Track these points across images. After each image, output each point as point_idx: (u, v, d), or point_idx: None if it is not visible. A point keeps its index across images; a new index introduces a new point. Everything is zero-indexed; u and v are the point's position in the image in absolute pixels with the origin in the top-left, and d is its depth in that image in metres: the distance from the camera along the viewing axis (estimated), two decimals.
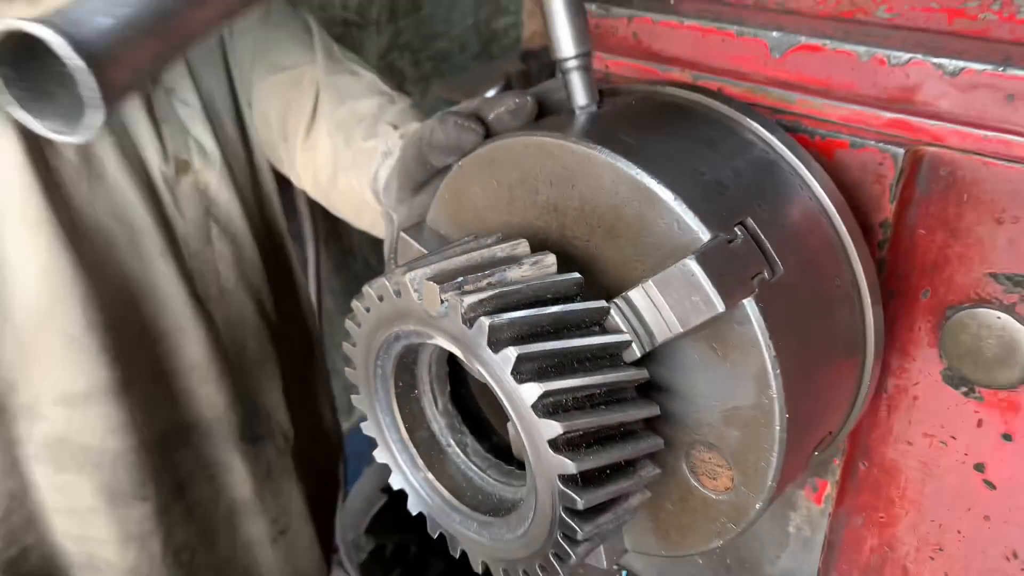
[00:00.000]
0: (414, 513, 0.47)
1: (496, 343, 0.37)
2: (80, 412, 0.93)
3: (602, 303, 0.38)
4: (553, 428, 0.37)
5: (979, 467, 0.50)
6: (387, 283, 0.40)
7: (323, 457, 1.27)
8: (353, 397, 0.46)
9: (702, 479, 0.42)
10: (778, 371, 0.37)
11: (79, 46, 0.38)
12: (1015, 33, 0.46)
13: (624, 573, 0.77)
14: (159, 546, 1.00)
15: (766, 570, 0.64)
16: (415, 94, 2.03)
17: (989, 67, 0.42)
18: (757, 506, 0.40)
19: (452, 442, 0.46)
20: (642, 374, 0.38)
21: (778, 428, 0.37)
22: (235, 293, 1.02)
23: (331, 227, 1.99)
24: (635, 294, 0.37)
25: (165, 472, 1.00)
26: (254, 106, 1.04)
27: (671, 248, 0.39)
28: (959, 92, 0.44)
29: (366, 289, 0.41)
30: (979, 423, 0.49)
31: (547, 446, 0.37)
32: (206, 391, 1.00)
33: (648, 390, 0.41)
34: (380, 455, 0.46)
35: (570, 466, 0.37)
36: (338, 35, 1.93)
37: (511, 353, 0.36)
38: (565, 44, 0.50)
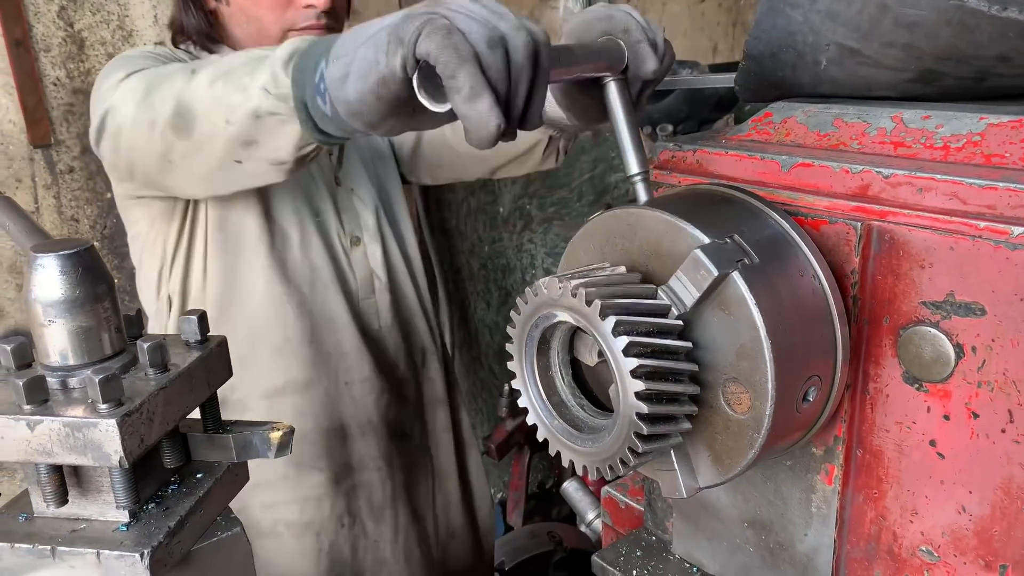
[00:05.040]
0: (540, 439, 0.74)
1: (603, 315, 0.65)
2: (277, 402, 1.36)
3: (651, 287, 0.67)
4: (632, 363, 0.64)
5: (932, 443, 0.72)
6: (542, 284, 0.69)
7: (459, 467, 1.70)
8: (509, 364, 0.75)
9: (734, 407, 0.67)
10: (759, 311, 0.63)
11: None
12: (933, 155, 0.73)
13: (695, 569, 0.99)
14: (328, 508, 1.43)
15: (798, 548, 0.85)
16: (539, 231, 2.43)
17: (907, 173, 0.70)
18: (768, 412, 0.65)
19: (565, 389, 0.74)
20: (686, 345, 0.66)
21: (767, 351, 0.63)
22: (391, 331, 1.44)
23: (464, 335, 2.33)
24: (672, 281, 0.65)
25: (338, 454, 1.40)
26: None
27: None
28: (892, 188, 0.71)
29: (528, 289, 0.70)
30: (928, 409, 0.72)
31: (629, 375, 0.64)
32: (372, 398, 1.41)
33: (692, 354, 0.68)
34: (522, 401, 0.74)
35: (640, 385, 0.64)
36: (481, 184, 2.36)
37: (612, 320, 0.64)
38: (632, 166, 0.82)
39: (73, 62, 1.75)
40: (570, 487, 1.31)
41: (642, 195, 0.83)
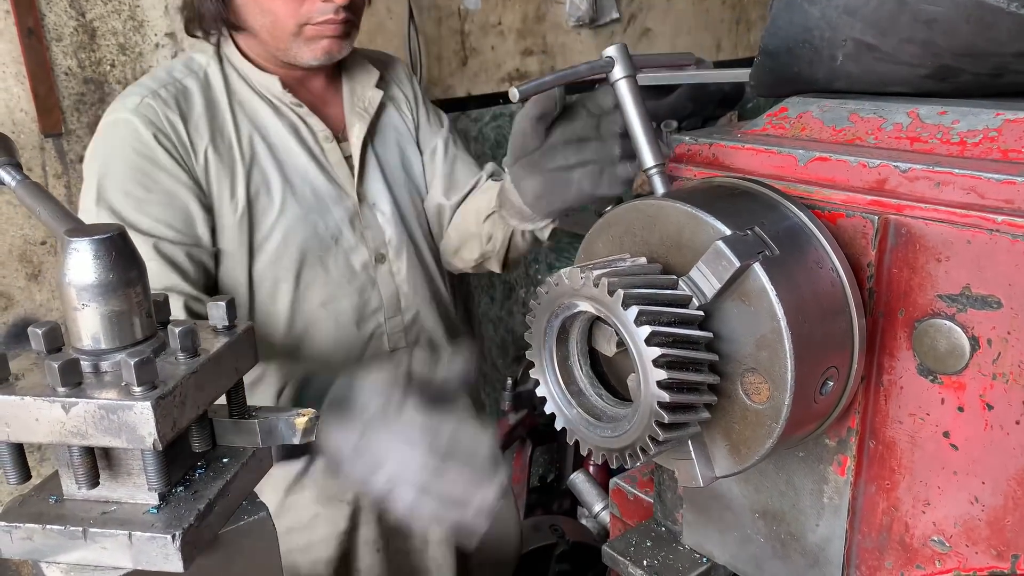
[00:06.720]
0: (558, 428, 0.75)
1: (626, 304, 0.66)
2: None
3: (672, 277, 0.67)
4: (654, 352, 0.65)
5: (946, 434, 0.73)
6: (563, 274, 0.70)
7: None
8: (528, 353, 0.75)
9: (752, 397, 0.68)
10: (779, 302, 0.64)
11: None
12: (949, 151, 0.74)
13: (705, 559, 1.00)
14: (359, 537, 1.41)
15: (809, 538, 0.86)
16: None
17: (925, 167, 0.71)
18: (786, 402, 0.66)
19: (584, 378, 0.75)
20: (707, 335, 0.67)
21: (787, 342, 0.64)
22: (416, 348, 1.47)
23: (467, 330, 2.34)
24: (692, 272, 0.66)
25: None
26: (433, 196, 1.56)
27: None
28: (909, 182, 0.72)
29: (548, 279, 0.71)
30: (942, 401, 0.73)
31: (651, 364, 0.65)
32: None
33: (711, 344, 0.69)
34: (540, 391, 0.75)
35: (662, 374, 0.65)
36: None
37: (635, 309, 0.65)
38: (647, 159, 0.85)
39: (84, 52, 1.76)
40: (577, 479, 1.32)
41: (659, 187, 0.84)
